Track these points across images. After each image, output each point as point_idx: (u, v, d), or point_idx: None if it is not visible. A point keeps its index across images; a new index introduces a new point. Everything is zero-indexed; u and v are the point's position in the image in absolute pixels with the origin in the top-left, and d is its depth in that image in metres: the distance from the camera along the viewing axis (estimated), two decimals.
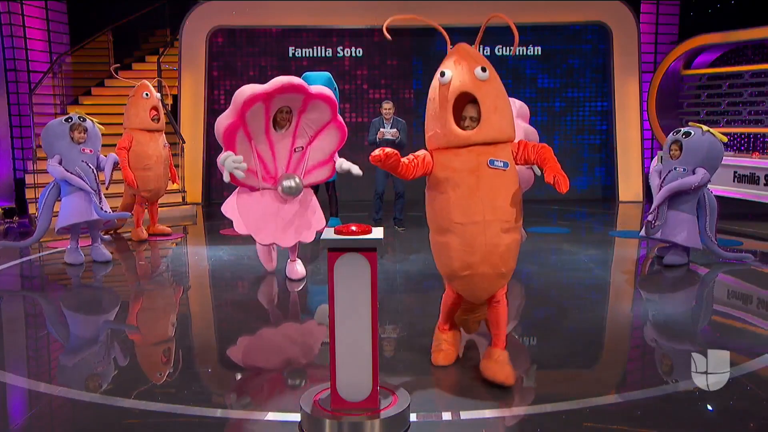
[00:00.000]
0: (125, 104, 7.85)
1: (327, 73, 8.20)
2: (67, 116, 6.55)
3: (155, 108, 7.69)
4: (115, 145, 7.65)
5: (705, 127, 6.17)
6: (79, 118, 6.50)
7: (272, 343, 4.48)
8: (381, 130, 7.83)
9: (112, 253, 6.93)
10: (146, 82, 7.85)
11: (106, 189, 6.92)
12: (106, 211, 6.52)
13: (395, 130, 7.79)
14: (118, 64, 10.03)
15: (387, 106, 7.94)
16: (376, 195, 8.12)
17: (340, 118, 5.43)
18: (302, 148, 5.38)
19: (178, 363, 4.22)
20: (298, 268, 5.89)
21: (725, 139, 6.22)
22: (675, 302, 5.53)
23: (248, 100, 4.91)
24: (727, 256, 6.38)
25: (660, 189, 6.22)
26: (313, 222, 5.61)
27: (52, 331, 4.89)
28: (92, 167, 6.47)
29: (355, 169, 5.37)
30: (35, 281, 6.52)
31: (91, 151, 6.49)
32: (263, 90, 4.96)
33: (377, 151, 3.33)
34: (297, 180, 5.35)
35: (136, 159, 7.53)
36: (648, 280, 6.30)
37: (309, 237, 5.58)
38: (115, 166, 6.94)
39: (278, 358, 4.22)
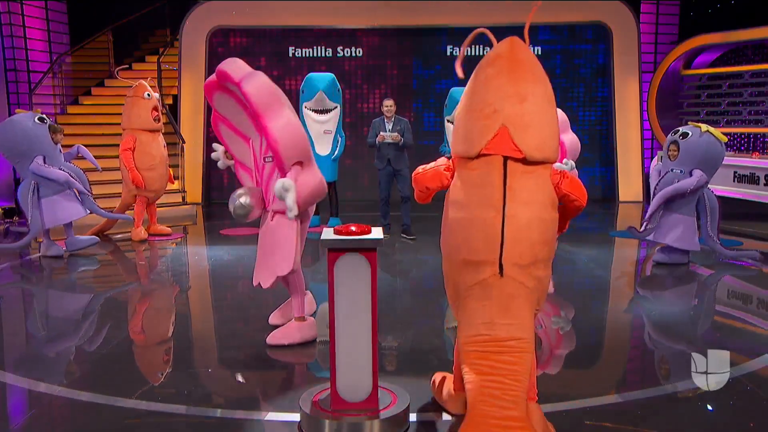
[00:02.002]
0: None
1: (331, 75, 8.20)
2: (38, 116, 6.63)
3: (156, 108, 7.69)
4: (113, 146, 7.66)
5: (705, 127, 6.10)
6: (47, 119, 6.71)
7: (272, 343, 4.47)
8: (381, 133, 7.30)
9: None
10: (143, 82, 7.83)
11: (100, 172, 7.49)
12: (108, 211, 6.97)
13: (396, 133, 7.24)
14: (126, 66, 10.03)
15: (388, 104, 7.35)
16: (382, 200, 7.60)
17: (270, 120, 3.84)
18: (272, 157, 3.96)
19: (178, 363, 4.22)
20: (281, 340, 4.22)
21: (725, 138, 6.16)
22: (675, 302, 5.52)
23: (205, 88, 4.19)
24: (730, 255, 6.34)
25: (655, 191, 6.22)
26: (275, 261, 3.98)
27: (51, 331, 4.89)
28: (80, 168, 6.83)
29: (290, 204, 3.74)
30: (33, 282, 6.51)
31: (62, 152, 6.77)
32: (212, 78, 4.10)
33: None
34: (243, 199, 3.98)
35: (141, 160, 7.53)
36: (648, 280, 6.30)
37: (265, 281, 4.06)
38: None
39: (278, 358, 4.21)
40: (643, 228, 6.34)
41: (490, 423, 2.63)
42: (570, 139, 6.56)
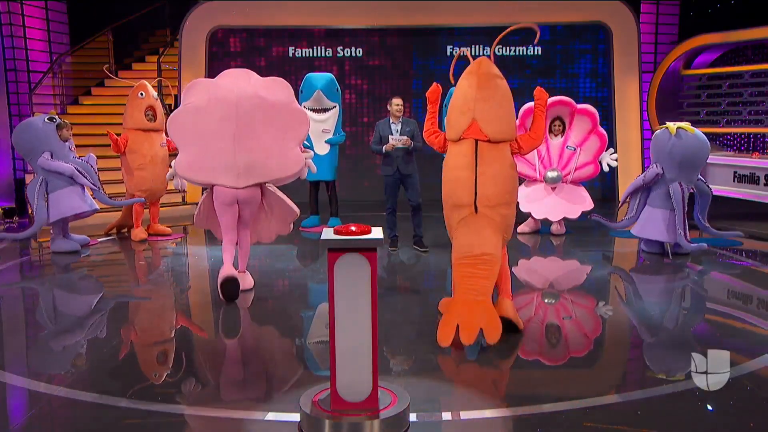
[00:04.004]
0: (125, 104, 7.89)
1: (329, 75, 8.20)
2: (48, 116, 6.85)
3: (151, 107, 7.70)
4: (111, 146, 7.69)
5: (668, 124, 6.39)
6: (57, 118, 6.88)
7: (272, 343, 4.48)
8: (391, 140, 6.63)
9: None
10: (144, 81, 7.86)
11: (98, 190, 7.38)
12: (115, 199, 7.32)
13: (405, 137, 6.61)
14: (107, 64, 10.04)
15: (397, 103, 6.70)
16: (388, 210, 6.93)
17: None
18: None
19: (177, 363, 4.22)
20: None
21: (673, 130, 6.28)
22: (675, 302, 5.52)
23: None
24: (690, 248, 6.38)
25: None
26: None
27: (51, 330, 4.89)
28: (91, 164, 6.91)
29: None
30: (33, 281, 6.51)
31: (73, 149, 6.92)
32: None
33: None
34: None
35: (131, 159, 7.60)
36: (648, 279, 6.30)
37: None
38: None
39: (278, 358, 4.22)
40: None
41: (466, 304, 4.05)
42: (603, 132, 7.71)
